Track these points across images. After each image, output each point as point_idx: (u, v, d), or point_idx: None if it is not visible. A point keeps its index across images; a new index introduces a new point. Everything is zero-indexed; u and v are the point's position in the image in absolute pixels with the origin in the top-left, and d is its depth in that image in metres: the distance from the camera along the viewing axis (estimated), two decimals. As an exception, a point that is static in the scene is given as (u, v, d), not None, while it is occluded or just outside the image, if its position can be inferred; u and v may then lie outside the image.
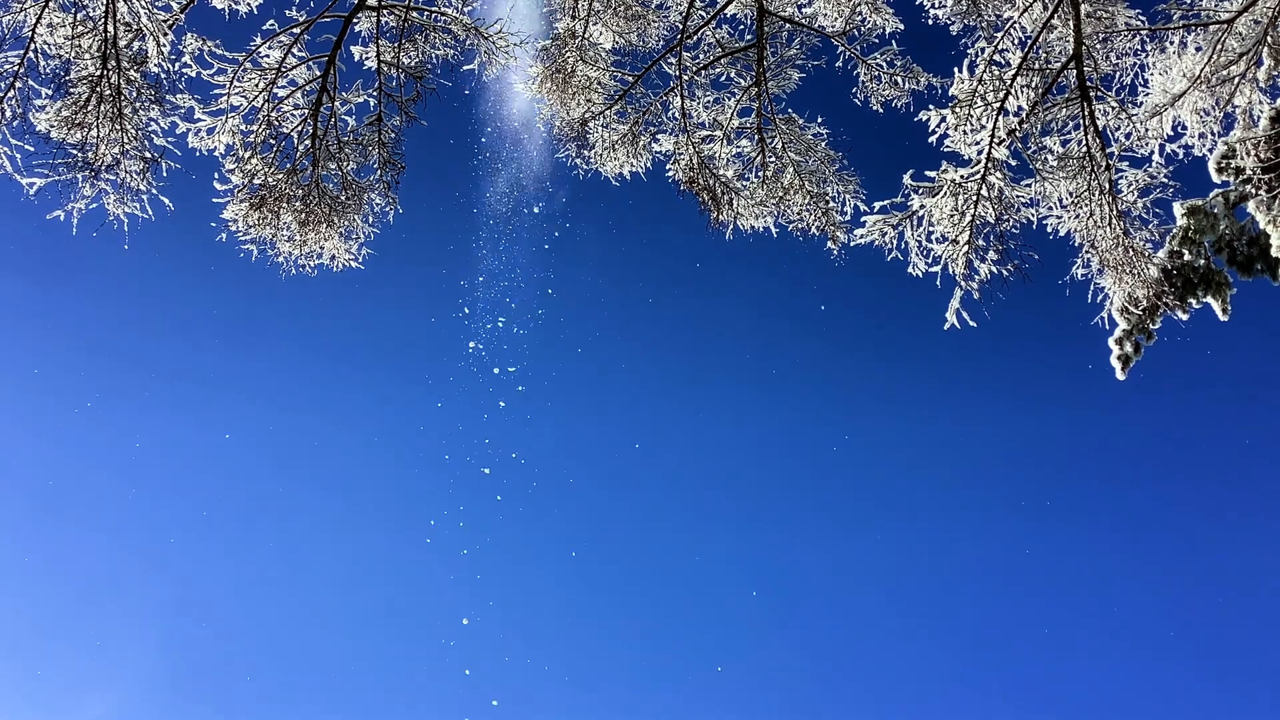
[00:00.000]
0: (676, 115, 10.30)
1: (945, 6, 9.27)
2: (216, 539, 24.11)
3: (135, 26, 8.12)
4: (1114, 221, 8.91)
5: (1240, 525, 22.10)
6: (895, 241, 9.30)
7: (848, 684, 23.66)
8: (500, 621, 23.98)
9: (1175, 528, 22.87)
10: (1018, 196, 9.12)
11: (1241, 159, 10.11)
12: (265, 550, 24.59)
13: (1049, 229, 9.25)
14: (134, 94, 8.49)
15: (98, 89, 8.30)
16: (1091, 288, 9.45)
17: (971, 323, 9.33)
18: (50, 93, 8.29)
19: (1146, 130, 8.88)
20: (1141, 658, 22.66)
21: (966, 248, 9.17)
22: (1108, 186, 8.86)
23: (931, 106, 9.07)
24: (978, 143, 8.97)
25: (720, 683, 23.69)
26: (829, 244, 10.27)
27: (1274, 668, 20.89)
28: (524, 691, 23.29)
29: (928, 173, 9.15)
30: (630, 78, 10.26)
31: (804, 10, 9.88)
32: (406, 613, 24.50)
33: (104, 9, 8.01)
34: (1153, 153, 8.97)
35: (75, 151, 8.49)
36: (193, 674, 23.36)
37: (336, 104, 9.52)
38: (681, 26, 9.84)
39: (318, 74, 9.40)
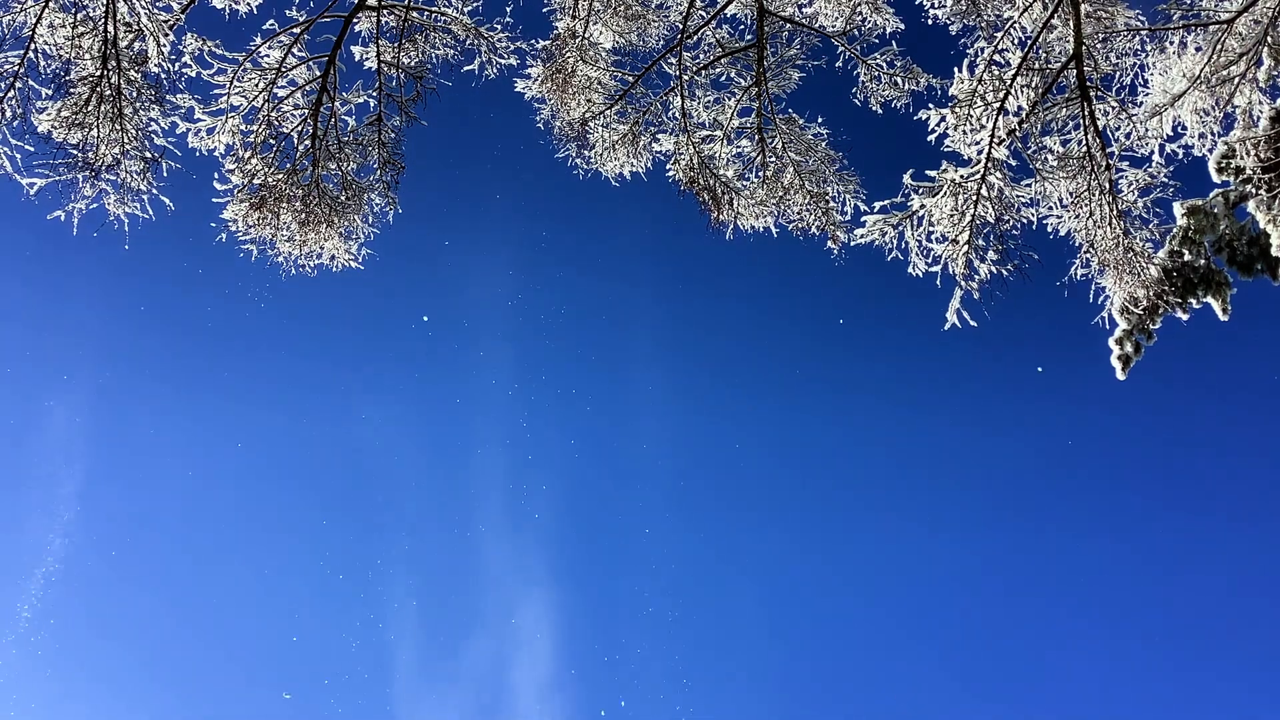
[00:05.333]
0: (676, 115, 10.30)
1: (945, 6, 9.27)
2: (218, 540, 24.10)
3: (135, 26, 8.13)
4: (1114, 221, 8.91)
5: (1241, 525, 22.10)
6: (895, 241, 9.30)
7: (848, 685, 23.66)
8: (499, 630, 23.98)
9: (1175, 528, 22.87)
10: (1018, 196, 9.12)
11: (1241, 159, 10.11)
12: (267, 551, 24.58)
13: (1049, 229, 9.26)
14: (134, 94, 8.49)
15: (98, 89, 8.30)
16: (1092, 288, 9.45)
17: (972, 322, 9.33)
18: (50, 93, 8.29)
19: (1146, 130, 8.88)
20: (1141, 657, 22.66)
21: (966, 248, 9.17)
22: (1108, 186, 8.86)
23: (931, 106, 9.07)
24: (978, 143, 8.97)
25: (720, 683, 23.69)
26: (829, 244, 10.28)
27: (1275, 667, 20.89)
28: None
29: (928, 173, 9.15)
30: (630, 78, 10.26)
31: (804, 10, 9.88)
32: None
33: (104, 9, 8.01)
34: (1153, 153, 8.97)
35: (75, 151, 8.49)
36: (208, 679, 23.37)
37: (336, 104, 9.52)
38: (681, 26, 9.84)
39: (318, 74, 9.40)
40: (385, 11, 9.36)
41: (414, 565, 24.70)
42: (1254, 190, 11.00)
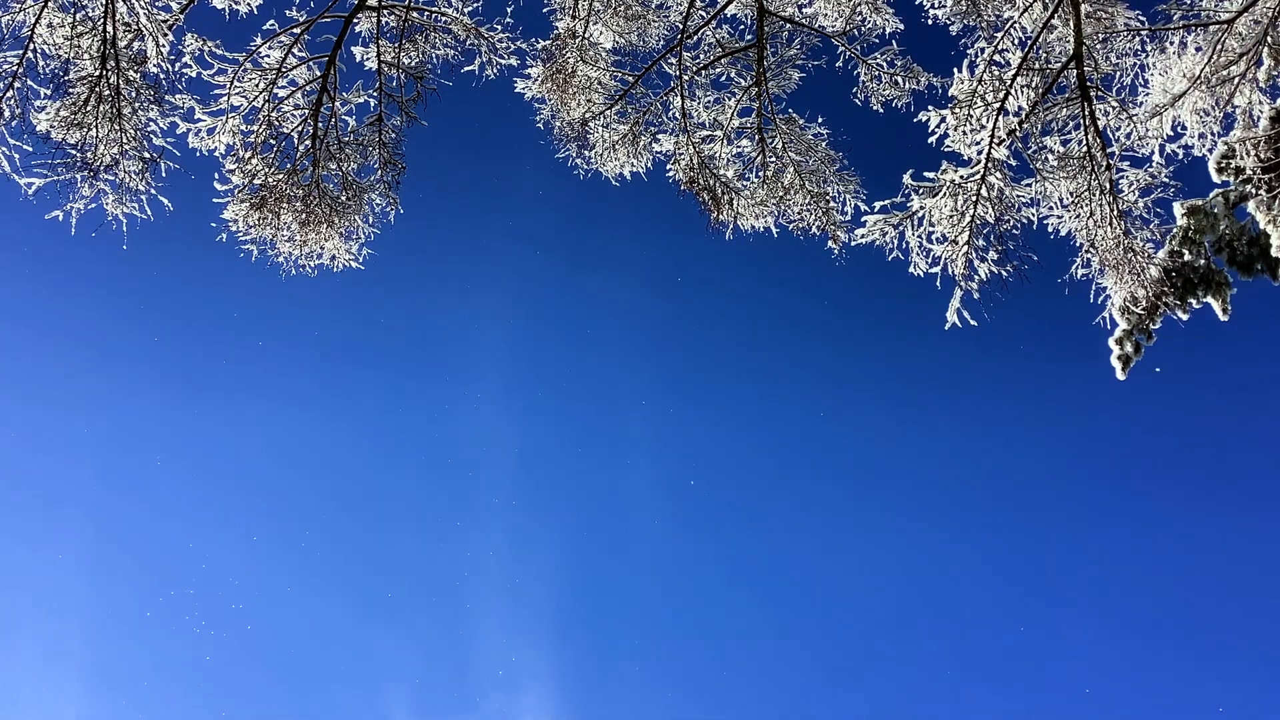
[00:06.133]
0: (676, 115, 10.30)
1: (945, 6, 9.27)
2: (219, 541, 24.08)
3: (135, 26, 8.12)
4: (1114, 221, 8.91)
5: (1241, 525, 22.11)
6: (895, 241, 9.30)
7: (847, 685, 23.66)
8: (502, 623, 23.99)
9: (1176, 528, 22.88)
10: (1018, 196, 9.12)
11: (1241, 159, 10.11)
12: (269, 551, 24.56)
13: (1049, 229, 9.26)
14: (133, 94, 8.48)
15: (97, 89, 8.29)
16: (1092, 288, 9.46)
17: (972, 322, 9.33)
18: (49, 93, 8.29)
19: (1147, 130, 8.88)
20: (1142, 658, 22.67)
21: (966, 248, 9.17)
22: (1108, 186, 8.86)
23: (931, 107, 9.08)
24: (978, 143, 8.97)
25: (718, 683, 23.69)
26: (829, 244, 10.28)
27: (1275, 667, 20.91)
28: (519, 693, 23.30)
29: (927, 173, 9.15)
30: (630, 78, 10.26)
31: (804, 10, 9.88)
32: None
33: (104, 9, 8.00)
34: (1153, 153, 8.97)
35: (74, 151, 8.48)
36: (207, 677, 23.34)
37: (337, 104, 9.52)
38: (681, 26, 9.84)
39: (318, 74, 9.39)
40: (385, 11, 9.35)
41: (407, 566, 24.74)
42: (1254, 190, 11.01)
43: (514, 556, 24.28)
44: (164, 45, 8.14)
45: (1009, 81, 8.74)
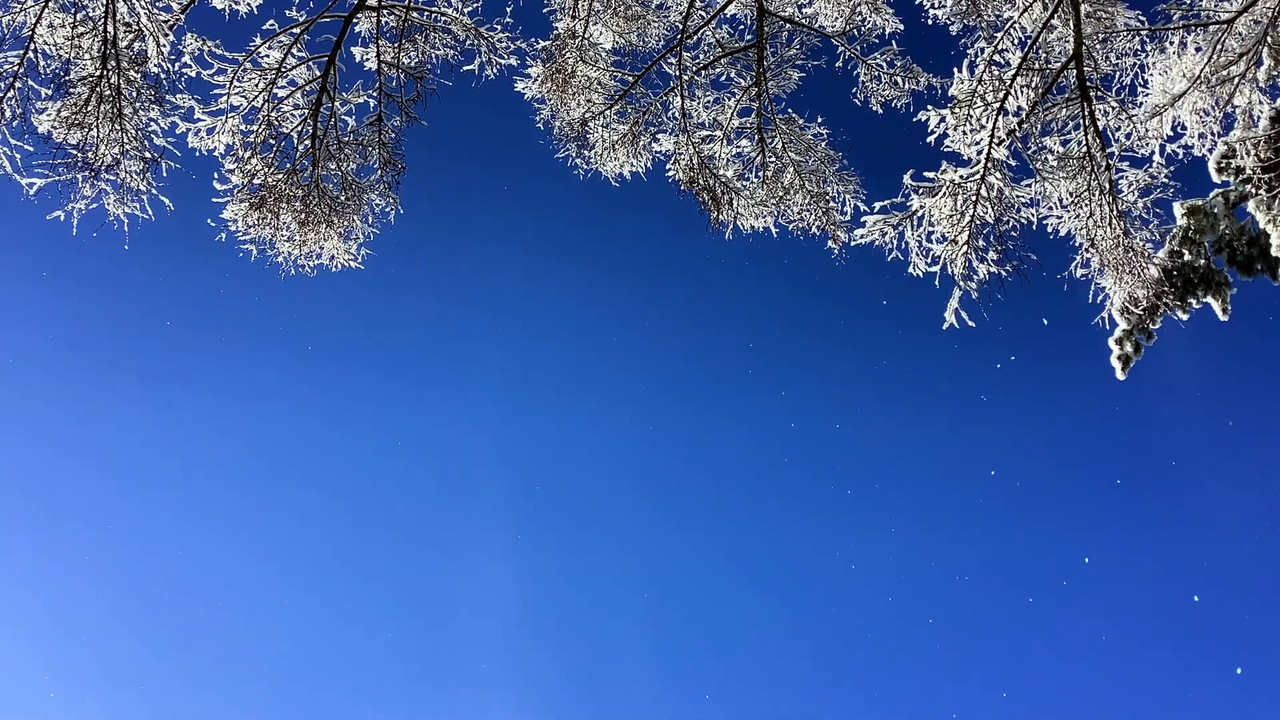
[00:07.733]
0: (676, 115, 10.30)
1: (945, 6, 9.27)
2: (218, 542, 24.09)
3: (135, 26, 8.13)
4: (1114, 221, 8.92)
5: (1241, 526, 22.11)
6: (895, 241, 9.30)
7: (846, 685, 23.67)
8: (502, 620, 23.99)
9: (1175, 529, 22.88)
10: (1017, 196, 9.12)
11: (1241, 159, 10.11)
12: (270, 552, 24.57)
13: (1049, 229, 9.26)
14: (134, 94, 8.49)
15: (98, 89, 8.30)
16: (1092, 288, 9.45)
17: (970, 323, 9.33)
18: (50, 93, 8.29)
19: (1146, 130, 8.88)
20: (1140, 659, 22.67)
21: (966, 248, 9.17)
22: (1108, 186, 8.86)
23: (931, 106, 9.07)
24: (977, 143, 8.97)
25: (718, 685, 23.70)
26: (829, 244, 10.28)
27: (1275, 668, 20.91)
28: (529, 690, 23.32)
29: (927, 173, 9.14)
30: (630, 78, 10.26)
31: (804, 10, 9.88)
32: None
33: (104, 9, 8.01)
34: (1153, 153, 8.97)
35: (75, 151, 8.49)
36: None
37: (336, 104, 9.52)
38: (681, 26, 9.84)
39: (318, 74, 9.40)
40: (385, 11, 9.36)
41: (406, 568, 24.74)
42: (1254, 190, 11.02)
43: (514, 558, 24.29)
44: (164, 45, 8.15)
45: (1009, 81, 8.75)
